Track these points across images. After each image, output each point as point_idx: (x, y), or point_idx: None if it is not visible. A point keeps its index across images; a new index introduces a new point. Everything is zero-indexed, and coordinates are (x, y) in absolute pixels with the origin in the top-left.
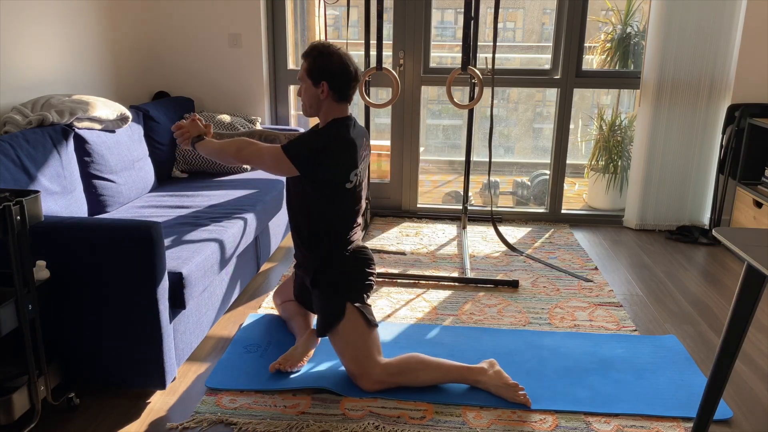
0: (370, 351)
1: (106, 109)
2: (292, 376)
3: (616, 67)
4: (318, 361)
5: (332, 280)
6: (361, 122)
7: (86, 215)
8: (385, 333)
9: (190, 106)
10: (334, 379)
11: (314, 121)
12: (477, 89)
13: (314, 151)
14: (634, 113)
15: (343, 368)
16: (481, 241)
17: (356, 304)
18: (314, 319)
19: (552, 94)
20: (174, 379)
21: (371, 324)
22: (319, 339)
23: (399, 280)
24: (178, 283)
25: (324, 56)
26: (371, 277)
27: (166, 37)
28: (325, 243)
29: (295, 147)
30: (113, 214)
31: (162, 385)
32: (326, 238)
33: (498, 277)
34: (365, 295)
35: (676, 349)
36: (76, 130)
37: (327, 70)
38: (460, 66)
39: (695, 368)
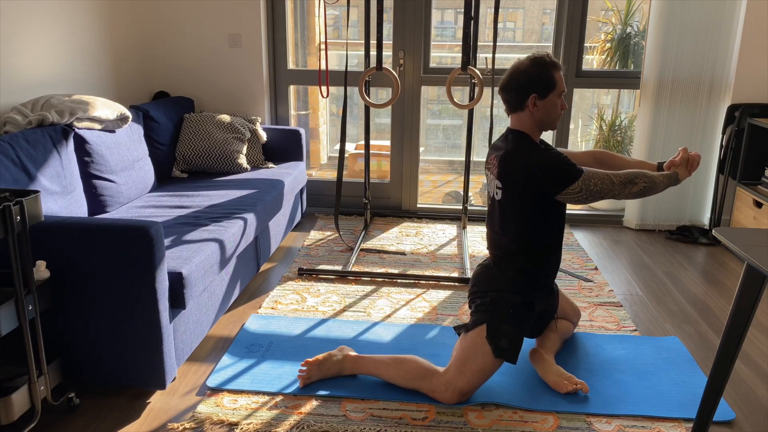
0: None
1: (106, 109)
2: (294, 381)
3: (616, 67)
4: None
5: None
6: (361, 122)
7: (86, 215)
8: (385, 333)
9: (190, 106)
10: (341, 387)
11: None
12: (477, 89)
13: None
14: (634, 113)
15: (345, 377)
16: (482, 241)
17: None
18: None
19: None
20: (174, 379)
21: None
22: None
23: (399, 280)
24: (178, 283)
25: None
26: None
27: (166, 37)
28: None
29: None
30: (113, 214)
31: (162, 385)
32: None
33: None
34: None
35: (679, 350)
36: (76, 130)
37: None
38: (460, 66)
39: (697, 369)
